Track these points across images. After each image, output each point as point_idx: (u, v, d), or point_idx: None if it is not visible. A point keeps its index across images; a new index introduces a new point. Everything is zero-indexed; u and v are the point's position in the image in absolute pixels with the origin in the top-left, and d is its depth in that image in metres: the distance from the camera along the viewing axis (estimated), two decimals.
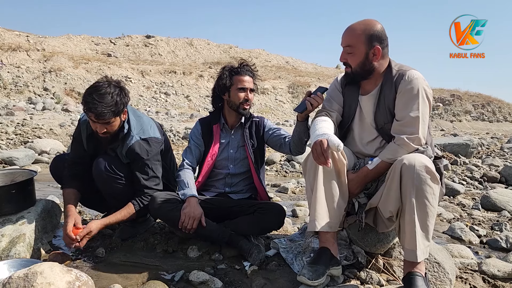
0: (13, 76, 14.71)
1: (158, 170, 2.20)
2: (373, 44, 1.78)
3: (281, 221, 2.22)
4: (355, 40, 1.78)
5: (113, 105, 1.94)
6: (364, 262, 1.96)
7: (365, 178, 1.80)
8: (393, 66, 1.84)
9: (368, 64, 1.81)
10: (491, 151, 8.38)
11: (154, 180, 2.19)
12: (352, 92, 1.96)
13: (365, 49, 1.78)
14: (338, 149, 1.62)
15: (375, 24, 1.79)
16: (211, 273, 1.87)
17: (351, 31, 1.81)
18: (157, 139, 2.19)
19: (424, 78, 1.77)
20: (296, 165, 5.99)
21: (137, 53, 23.50)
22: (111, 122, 1.99)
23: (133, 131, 2.12)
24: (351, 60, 1.83)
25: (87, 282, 1.48)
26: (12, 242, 1.96)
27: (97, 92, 1.93)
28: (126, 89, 2.08)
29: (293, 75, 23.01)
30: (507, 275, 1.97)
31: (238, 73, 2.28)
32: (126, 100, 2.04)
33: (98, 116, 1.92)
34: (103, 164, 2.08)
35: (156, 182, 2.20)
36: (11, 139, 6.73)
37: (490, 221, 3.17)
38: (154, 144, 2.17)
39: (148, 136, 2.15)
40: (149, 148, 2.13)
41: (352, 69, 1.85)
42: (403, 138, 1.71)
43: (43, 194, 3.25)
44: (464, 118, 22.34)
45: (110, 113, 1.94)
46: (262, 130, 2.40)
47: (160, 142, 2.22)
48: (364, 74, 1.85)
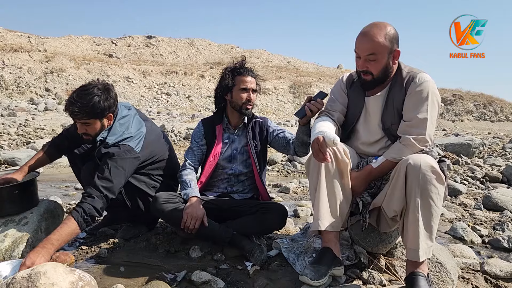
0: (15, 77, 14.74)
1: (115, 175, 1.95)
2: (394, 47, 1.75)
3: (283, 221, 2.23)
4: (379, 47, 1.72)
5: (89, 106, 1.93)
6: (366, 262, 1.96)
7: (369, 176, 1.80)
8: (402, 68, 1.83)
9: (389, 68, 1.79)
10: (493, 151, 8.37)
11: (106, 182, 1.92)
12: (358, 93, 1.95)
13: (388, 54, 1.75)
14: (335, 143, 1.63)
15: (390, 26, 1.75)
16: (213, 273, 1.87)
17: (372, 38, 1.73)
18: (130, 149, 2.03)
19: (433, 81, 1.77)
20: (297, 165, 5.99)
21: (138, 53, 23.53)
22: (88, 123, 1.99)
23: (109, 138, 2.03)
24: (374, 67, 1.77)
25: (90, 282, 1.49)
26: (15, 243, 1.97)
27: (79, 91, 1.97)
28: (112, 93, 2.04)
29: (295, 75, 22.99)
30: (509, 275, 1.97)
31: (241, 73, 2.28)
32: (107, 104, 1.98)
33: (72, 114, 1.96)
34: (87, 171, 2.14)
35: (106, 185, 1.92)
36: (13, 139, 6.76)
37: (492, 221, 3.17)
38: (125, 152, 2.00)
39: (124, 143, 2.03)
40: (117, 151, 1.98)
41: (373, 76, 1.80)
42: (409, 138, 1.71)
43: (46, 195, 3.26)
44: (465, 118, 22.31)
45: (83, 113, 1.94)
46: (265, 131, 2.41)
47: (135, 155, 2.04)
48: (384, 78, 1.82)
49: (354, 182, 1.79)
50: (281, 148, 2.39)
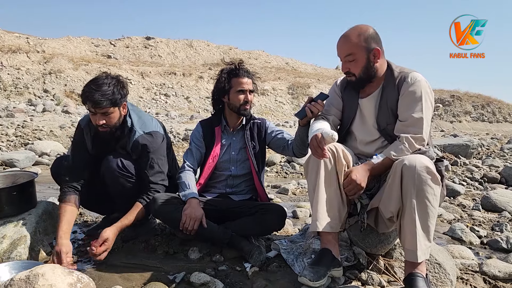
0: (13, 78, 14.70)
1: (163, 166, 2.19)
2: (371, 46, 1.79)
3: (281, 222, 2.23)
4: (354, 47, 1.79)
5: (110, 94, 1.96)
6: (365, 263, 1.96)
7: (369, 169, 1.74)
8: (394, 68, 1.86)
9: (371, 67, 1.82)
10: (491, 152, 8.38)
11: (160, 175, 2.17)
12: (351, 95, 1.97)
13: (366, 53, 1.79)
14: (333, 138, 1.65)
15: (367, 27, 1.81)
16: (212, 274, 1.87)
17: (347, 39, 1.81)
18: (159, 133, 2.20)
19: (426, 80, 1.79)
20: (296, 166, 5.99)
21: (137, 54, 23.51)
22: (109, 112, 2.00)
23: (136, 126, 2.13)
24: (354, 68, 1.83)
25: (89, 284, 1.49)
26: (13, 244, 1.97)
27: (94, 83, 1.98)
28: (124, 82, 2.09)
29: (293, 76, 22.99)
30: (508, 275, 1.97)
31: (237, 75, 2.28)
32: (124, 92, 2.06)
33: (95, 104, 1.93)
34: (115, 161, 2.08)
35: (161, 178, 2.18)
36: (11, 141, 6.73)
37: (491, 221, 3.17)
38: (158, 137, 2.17)
39: (151, 130, 2.17)
40: (153, 141, 2.14)
41: (356, 76, 1.84)
42: (408, 137, 1.73)
43: (44, 196, 3.25)
44: (464, 119, 22.34)
45: (107, 101, 1.95)
46: (264, 132, 2.41)
47: (163, 136, 2.22)
48: (368, 78, 1.85)
49: (354, 172, 1.72)
50: (279, 149, 2.39)
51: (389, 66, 1.88)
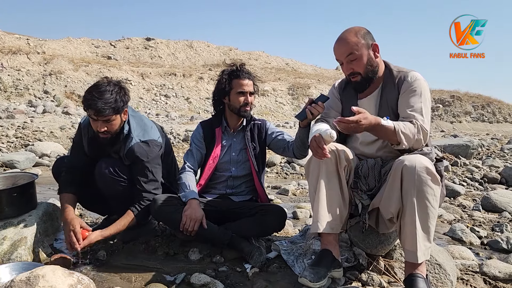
0: (14, 79, 14.71)
1: (157, 174, 2.18)
2: (370, 42, 1.81)
3: (282, 222, 2.23)
4: (354, 45, 1.79)
5: (113, 102, 1.95)
6: (365, 264, 1.96)
7: (375, 126, 1.63)
8: (392, 67, 1.88)
9: (374, 63, 1.84)
10: (491, 152, 8.38)
11: (153, 183, 2.16)
12: (350, 97, 1.98)
13: (366, 49, 1.80)
14: (331, 137, 1.66)
15: (360, 27, 1.84)
16: (213, 275, 1.87)
17: (345, 40, 1.81)
18: (157, 142, 2.18)
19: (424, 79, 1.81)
20: (296, 167, 5.99)
21: (137, 55, 23.53)
22: (111, 120, 1.99)
23: (133, 133, 2.11)
24: (358, 66, 1.82)
25: (89, 285, 1.49)
26: (13, 245, 1.97)
27: (96, 90, 1.95)
28: (126, 88, 2.09)
29: (293, 77, 22.99)
30: (508, 276, 1.97)
31: (237, 76, 2.28)
32: (126, 99, 2.05)
33: (98, 112, 1.92)
34: (106, 166, 2.08)
35: (155, 186, 2.17)
36: (11, 142, 6.74)
37: (491, 222, 3.17)
38: (154, 147, 2.15)
39: (148, 138, 2.14)
40: (149, 150, 2.11)
41: (362, 74, 1.83)
42: (421, 124, 1.68)
43: (44, 197, 3.25)
44: (464, 119, 22.33)
45: (109, 110, 1.94)
46: (264, 133, 2.41)
47: (160, 145, 2.20)
48: (373, 74, 1.85)
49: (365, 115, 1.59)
50: (279, 150, 2.39)
51: (387, 66, 1.89)
